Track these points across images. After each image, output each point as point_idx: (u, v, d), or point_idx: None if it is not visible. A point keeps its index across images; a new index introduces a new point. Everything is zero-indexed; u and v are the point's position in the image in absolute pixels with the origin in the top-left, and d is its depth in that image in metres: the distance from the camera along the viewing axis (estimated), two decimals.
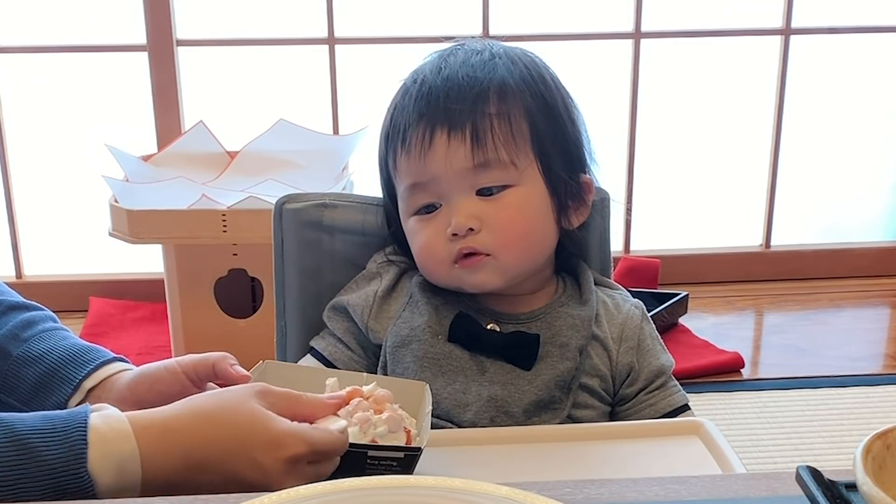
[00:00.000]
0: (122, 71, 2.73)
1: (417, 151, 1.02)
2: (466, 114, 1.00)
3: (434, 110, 1.01)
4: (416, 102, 1.03)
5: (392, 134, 1.05)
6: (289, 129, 2.49)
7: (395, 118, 1.05)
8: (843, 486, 0.68)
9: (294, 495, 0.66)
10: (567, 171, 1.05)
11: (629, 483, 0.78)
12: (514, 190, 1.02)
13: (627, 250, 2.90)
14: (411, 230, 1.06)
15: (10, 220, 2.77)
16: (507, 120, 1.01)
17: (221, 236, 2.23)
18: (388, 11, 2.77)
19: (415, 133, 1.02)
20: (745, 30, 2.86)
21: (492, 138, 1.00)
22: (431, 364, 1.03)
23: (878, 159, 3.00)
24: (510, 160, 1.01)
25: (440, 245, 1.02)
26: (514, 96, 1.02)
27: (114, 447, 0.76)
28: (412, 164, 1.03)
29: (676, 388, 1.08)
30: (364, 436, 0.84)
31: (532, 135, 1.02)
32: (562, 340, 1.04)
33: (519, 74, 1.03)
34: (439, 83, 1.02)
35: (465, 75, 1.02)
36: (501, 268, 1.02)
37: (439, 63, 1.05)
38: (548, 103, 1.04)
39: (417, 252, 1.05)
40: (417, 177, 1.03)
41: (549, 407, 1.03)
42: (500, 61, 1.04)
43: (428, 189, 1.03)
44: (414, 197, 1.04)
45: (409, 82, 1.05)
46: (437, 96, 1.02)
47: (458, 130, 1.00)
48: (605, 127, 1.11)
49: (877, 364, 2.48)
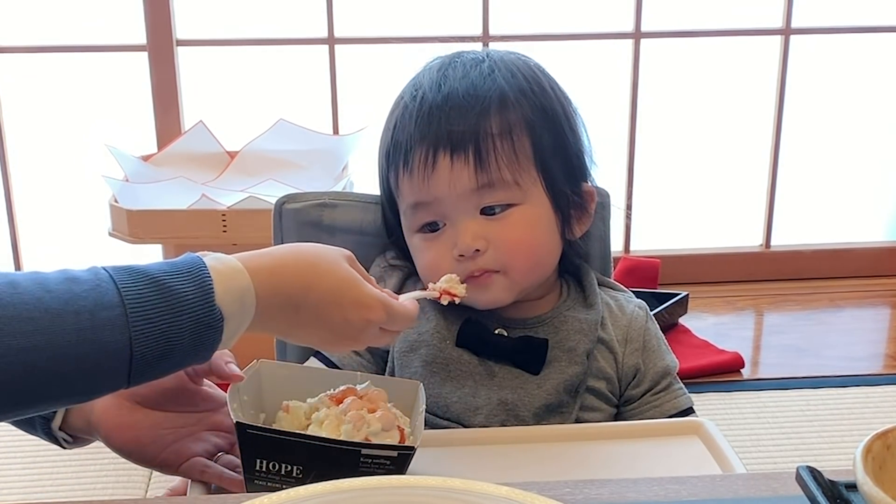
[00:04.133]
0: (122, 71, 2.73)
1: (420, 173, 1.01)
2: (469, 135, 1.00)
3: (436, 132, 1.00)
4: (418, 123, 1.01)
5: (393, 153, 1.04)
6: (289, 129, 2.49)
7: (395, 136, 1.04)
8: (843, 486, 0.68)
9: (294, 495, 0.66)
10: (570, 184, 1.05)
11: (629, 483, 0.78)
12: (519, 208, 1.01)
13: (627, 250, 2.90)
14: (416, 247, 1.05)
15: (10, 220, 2.77)
16: (509, 139, 1.01)
17: (221, 236, 2.23)
18: (387, 11, 2.77)
19: (417, 154, 1.01)
20: (745, 30, 2.86)
21: (495, 159, 1.00)
22: (440, 369, 1.03)
23: (878, 159, 3.00)
24: (514, 180, 1.00)
25: (446, 265, 1.02)
26: (515, 112, 1.01)
27: (233, 282, 0.79)
28: (415, 185, 1.02)
29: (681, 390, 1.08)
30: (358, 434, 0.84)
31: (534, 151, 1.02)
32: (569, 345, 1.04)
33: (518, 87, 1.02)
34: (440, 101, 1.01)
35: (466, 93, 1.01)
36: (510, 284, 1.02)
37: (438, 78, 1.03)
38: (548, 115, 1.03)
39: (423, 270, 1.05)
40: (420, 197, 1.02)
41: (557, 410, 1.03)
42: (500, 74, 1.03)
43: (431, 209, 1.02)
44: (417, 215, 1.04)
45: (409, 98, 1.04)
46: (438, 116, 1.01)
47: (461, 152, 1.00)
48: (605, 127, 1.11)
49: (877, 364, 2.48)
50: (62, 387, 0.73)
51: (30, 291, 0.72)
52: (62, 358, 0.72)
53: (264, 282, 0.81)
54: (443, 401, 1.03)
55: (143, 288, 0.75)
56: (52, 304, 0.72)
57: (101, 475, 1.98)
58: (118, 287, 0.75)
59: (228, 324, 0.79)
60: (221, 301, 0.78)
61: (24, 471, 2.01)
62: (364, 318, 0.85)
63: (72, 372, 0.73)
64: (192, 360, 0.79)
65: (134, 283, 0.75)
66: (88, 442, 0.97)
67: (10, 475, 2.01)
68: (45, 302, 0.72)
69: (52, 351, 0.71)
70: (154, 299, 0.75)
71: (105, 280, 0.75)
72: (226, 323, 0.78)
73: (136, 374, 0.75)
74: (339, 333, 0.86)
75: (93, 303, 0.73)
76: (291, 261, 0.85)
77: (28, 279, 0.73)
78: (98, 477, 1.98)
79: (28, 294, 0.72)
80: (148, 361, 0.75)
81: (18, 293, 0.72)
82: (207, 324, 0.77)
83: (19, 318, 0.71)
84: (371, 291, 0.87)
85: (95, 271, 0.76)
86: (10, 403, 0.73)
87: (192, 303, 0.76)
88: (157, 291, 0.76)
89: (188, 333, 0.76)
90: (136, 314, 0.74)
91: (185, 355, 0.77)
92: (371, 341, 0.89)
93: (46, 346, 0.71)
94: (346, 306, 0.85)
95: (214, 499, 0.84)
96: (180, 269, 0.78)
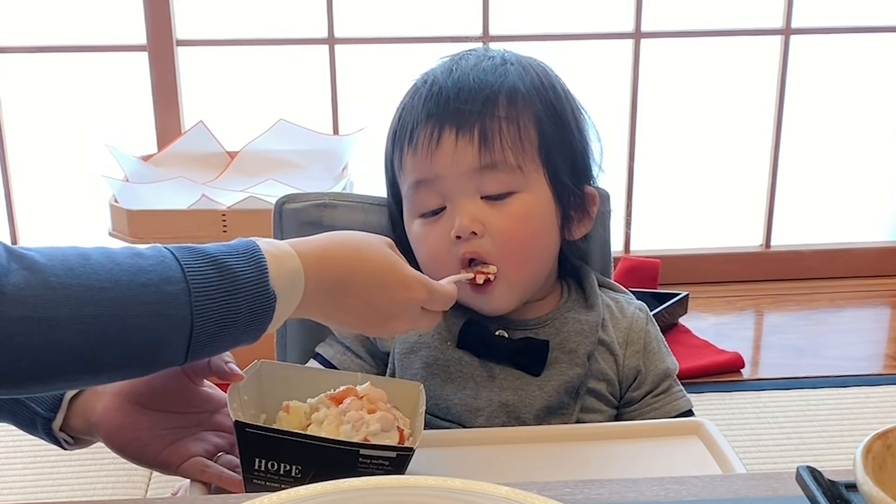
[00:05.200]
0: (122, 71, 2.73)
1: (424, 149, 1.01)
2: (475, 115, 1.00)
3: (443, 110, 1.01)
4: (426, 102, 1.03)
5: (399, 132, 1.05)
6: (289, 129, 2.49)
7: (403, 117, 1.05)
8: (843, 486, 0.68)
9: (294, 495, 0.66)
10: (573, 181, 1.05)
11: (629, 483, 0.78)
12: (520, 196, 1.02)
13: (627, 250, 2.90)
14: (416, 234, 1.05)
15: (10, 220, 2.77)
16: (515, 124, 1.01)
17: (221, 236, 2.23)
18: (387, 11, 2.77)
19: (422, 131, 1.02)
20: (745, 30, 2.86)
21: (500, 140, 1.00)
22: (441, 371, 1.04)
23: (878, 159, 3.00)
24: (517, 164, 1.01)
25: (445, 248, 1.02)
26: (523, 102, 1.02)
27: (285, 265, 0.82)
28: (418, 162, 1.02)
29: (681, 392, 1.08)
30: (357, 434, 0.84)
31: (540, 141, 1.02)
32: (570, 346, 1.04)
33: (530, 81, 1.03)
34: (450, 84, 1.02)
35: (476, 78, 1.02)
36: (510, 285, 1.02)
37: (450, 65, 1.05)
38: (557, 112, 1.04)
39: (422, 256, 1.05)
40: (423, 174, 1.02)
41: (557, 412, 1.03)
42: (512, 67, 1.04)
43: (432, 188, 1.02)
44: (418, 195, 1.04)
45: (420, 83, 1.06)
46: (446, 96, 1.02)
47: (467, 131, 1.00)
48: (604, 127, 1.11)
49: (877, 364, 2.48)
50: (128, 357, 0.76)
51: (101, 263, 0.75)
52: (132, 328, 0.75)
53: (313, 265, 0.84)
54: (443, 402, 1.03)
55: (204, 266, 0.78)
56: (122, 276, 0.75)
57: (101, 475, 1.98)
58: (181, 264, 0.78)
59: (279, 305, 0.81)
60: (275, 282, 0.81)
61: (24, 471, 2.01)
62: (407, 297, 0.89)
63: (139, 343, 0.75)
64: (245, 339, 0.81)
65: (195, 261, 0.78)
66: (89, 443, 0.97)
67: (10, 475, 2.01)
68: (115, 273, 0.75)
69: (123, 322, 0.74)
70: (214, 277, 0.78)
71: (168, 257, 0.78)
72: (277, 304, 0.81)
73: (195, 350, 0.78)
74: (384, 313, 0.89)
75: (158, 276, 0.76)
76: (337, 246, 0.88)
77: (98, 252, 0.76)
78: (98, 477, 1.98)
79: (99, 265, 0.75)
80: (206, 337, 0.78)
81: (90, 264, 0.75)
82: (262, 304, 0.80)
83: (92, 287, 0.73)
84: (412, 272, 0.90)
85: (158, 249, 0.79)
86: (75, 371, 0.74)
87: (248, 283, 0.79)
88: (217, 270, 0.79)
89: (244, 312, 0.79)
90: (198, 291, 0.77)
91: (239, 333, 0.80)
92: (414, 321, 0.92)
93: (118, 315, 0.74)
94: (390, 287, 0.88)
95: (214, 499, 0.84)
96: (238, 249, 0.81)
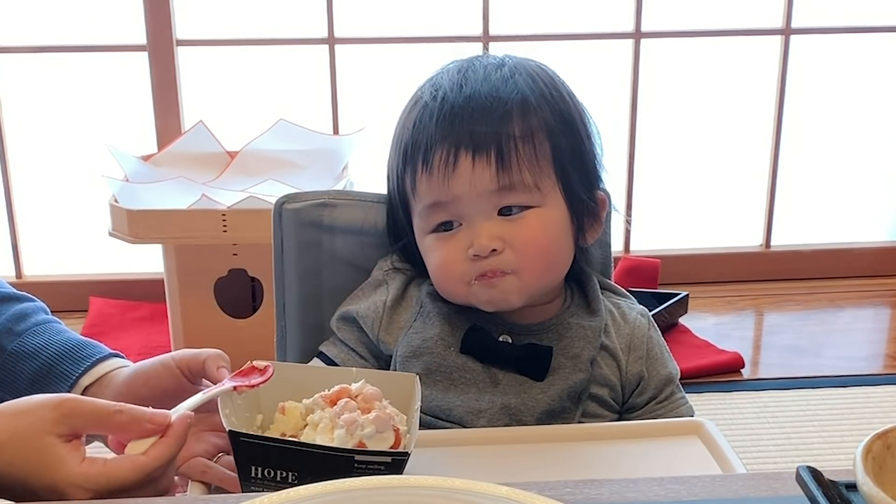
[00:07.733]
0: (122, 71, 2.73)
1: (441, 173, 1.00)
2: (491, 136, 0.99)
3: (458, 131, 1.00)
4: (439, 122, 1.01)
5: (412, 152, 1.03)
6: (289, 129, 2.49)
7: (414, 136, 1.03)
8: (843, 486, 0.68)
9: (294, 496, 0.66)
10: (585, 190, 1.05)
11: (629, 483, 0.78)
12: (536, 211, 1.01)
13: (627, 250, 2.90)
14: (428, 248, 1.04)
15: (10, 220, 2.77)
16: (530, 142, 1.00)
17: (221, 236, 2.23)
18: (387, 11, 2.77)
19: (438, 154, 1.00)
20: (745, 30, 2.86)
21: (517, 161, 0.99)
22: (443, 377, 1.03)
23: (878, 159, 3.00)
24: (534, 183, 1.00)
25: (458, 264, 1.01)
26: (536, 116, 1.01)
27: None
28: (434, 185, 1.01)
29: (683, 399, 1.09)
30: (351, 438, 0.83)
31: (554, 156, 1.02)
32: (573, 352, 1.04)
33: (539, 92, 1.03)
34: (462, 102, 1.01)
35: (488, 94, 1.01)
36: (522, 286, 1.01)
37: (459, 79, 1.03)
38: (567, 121, 1.03)
39: (434, 270, 1.04)
40: (439, 197, 1.01)
41: (559, 416, 1.03)
42: (521, 78, 1.03)
43: (448, 209, 1.02)
44: (433, 216, 1.03)
45: (428, 97, 1.03)
46: (460, 117, 1.00)
47: (483, 153, 0.99)
48: (605, 127, 1.11)
49: (877, 364, 2.48)
50: None
51: None
52: None
53: None
54: (446, 405, 1.03)
55: None
56: None
57: None
58: None
59: None
60: None
61: None
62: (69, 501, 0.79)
63: None
64: None
65: None
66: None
67: None
68: None
69: None
70: None
71: None
72: None
73: None
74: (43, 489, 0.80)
75: None
76: None
77: None
78: None
79: None
80: None
81: None
82: None
83: None
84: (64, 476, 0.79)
85: None
86: None
87: None
88: None
89: None
90: None
91: None
92: None
93: None
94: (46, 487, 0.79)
95: (214, 499, 0.84)
96: None
